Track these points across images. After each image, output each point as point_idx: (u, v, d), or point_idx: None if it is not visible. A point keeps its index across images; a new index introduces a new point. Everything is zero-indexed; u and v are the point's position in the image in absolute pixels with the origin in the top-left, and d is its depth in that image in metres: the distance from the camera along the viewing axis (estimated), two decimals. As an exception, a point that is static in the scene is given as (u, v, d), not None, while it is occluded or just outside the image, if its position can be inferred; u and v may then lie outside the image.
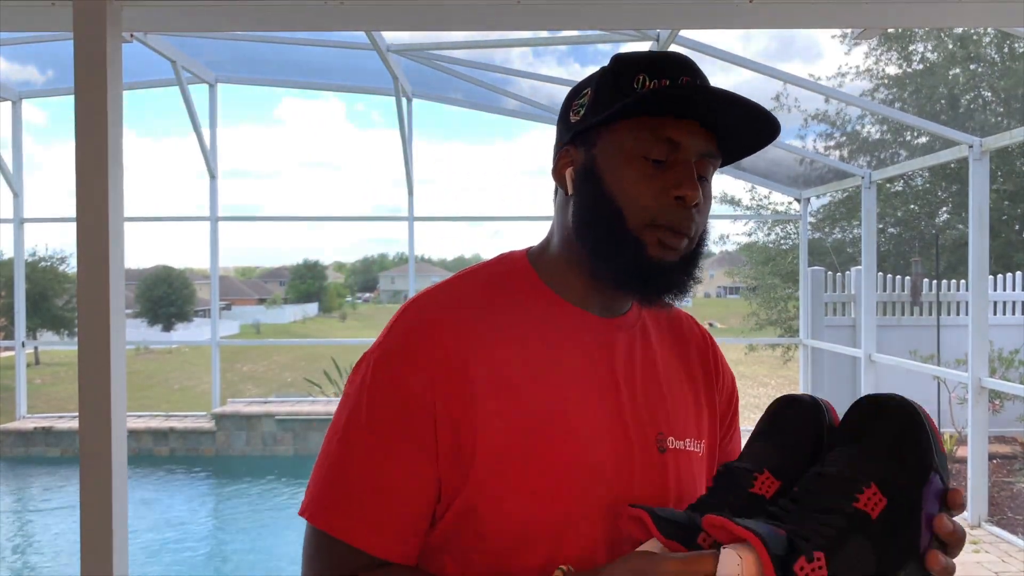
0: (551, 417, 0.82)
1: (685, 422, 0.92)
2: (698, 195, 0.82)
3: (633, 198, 0.82)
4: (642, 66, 0.84)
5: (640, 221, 0.82)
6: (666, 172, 0.82)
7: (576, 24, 3.23)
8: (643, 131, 0.82)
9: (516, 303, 0.87)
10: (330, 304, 53.46)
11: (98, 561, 2.29)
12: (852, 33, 11.44)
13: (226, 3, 2.72)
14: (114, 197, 2.37)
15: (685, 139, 0.82)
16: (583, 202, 0.86)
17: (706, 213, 0.87)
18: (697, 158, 0.83)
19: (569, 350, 0.86)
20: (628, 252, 0.82)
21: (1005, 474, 6.28)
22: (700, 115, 0.82)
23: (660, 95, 0.80)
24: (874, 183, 6.51)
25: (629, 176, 0.82)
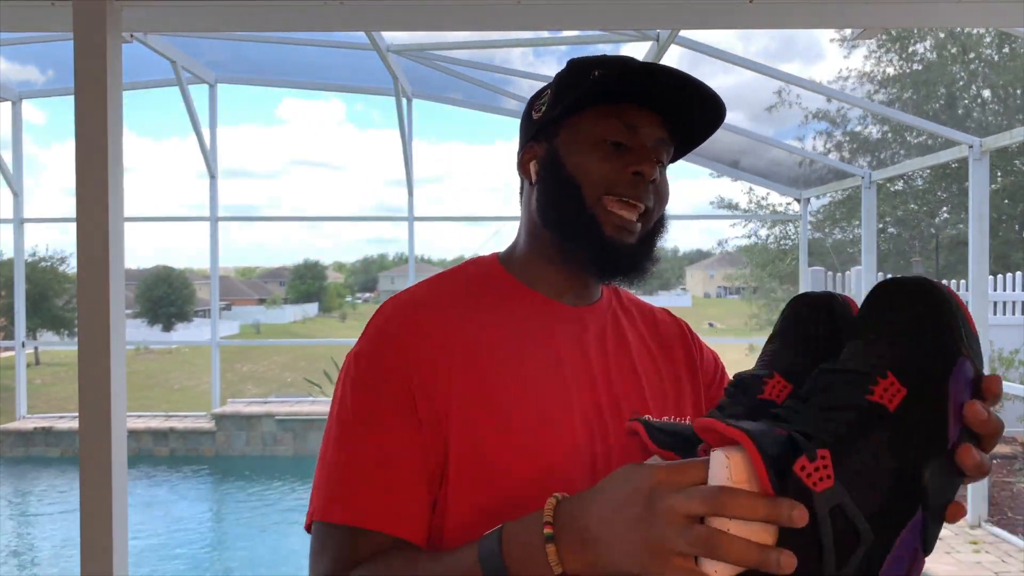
0: (525, 403, 0.83)
1: (663, 401, 0.94)
2: (655, 171, 0.85)
3: (591, 175, 0.86)
4: (595, 63, 0.90)
5: (595, 192, 0.86)
6: (624, 152, 0.86)
7: (576, 24, 3.23)
8: (601, 117, 0.87)
9: (487, 295, 0.91)
10: (330, 304, 53.47)
11: (98, 561, 2.29)
12: (851, 35, 11.44)
13: (226, 3, 2.72)
14: (114, 197, 2.37)
15: (642, 124, 0.87)
16: (545, 186, 0.90)
17: (663, 198, 0.90)
18: (654, 143, 0.88)
19: (541, 338, 0.88)
20: (586, 232, 0.86)
21: (1005, 474, 6.28)
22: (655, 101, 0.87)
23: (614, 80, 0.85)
24: (874, 183, 6.51)
25: (589, 157, 0.87)
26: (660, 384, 0.96)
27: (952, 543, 4.64)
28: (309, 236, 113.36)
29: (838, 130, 12.79)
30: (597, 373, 0.90)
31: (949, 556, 4.43)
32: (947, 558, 4.39)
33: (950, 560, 4.37)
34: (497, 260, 0.97)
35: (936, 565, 4.28)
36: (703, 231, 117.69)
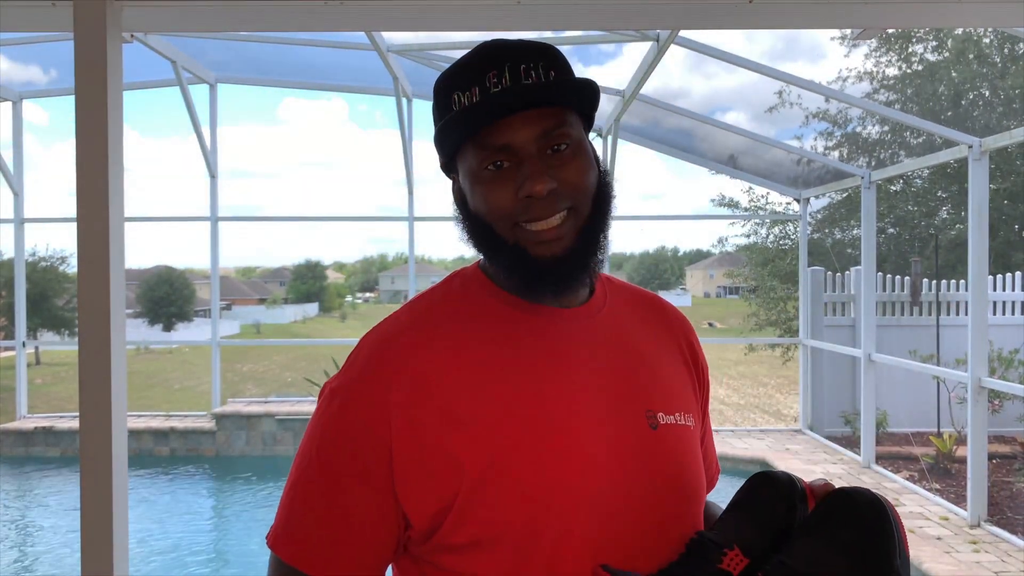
0: (535, 416, 0.82)
1: (673, 396, 0.93)
2: (546, 185, 0.81)
3: (490, 209, 0.85)
4: (452, 82, 0.86)
5: (505, 226, 0.85)
6: (511, 172, 0.83)
7: (576, 24, 3.23)
8: (476, 148, 0.84)
9: (478, 310, 0.89)
10: (330, 304, 53.49)
11: (98, 561, 2.29)
12: (852, 34, 11.44)
13: (226, 3, 2.72)
14: (114, 197, 2.37)
15: (510, 138, 0.82)
16: (465, 226, 0.90)
17: (579, 179, 0.85)
18: (538, 143, 0.83)
19: (539, 347, 0.87)
20: (514, 259, 0.85)
21: (1004, 474, 6.28)
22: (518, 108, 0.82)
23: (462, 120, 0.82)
24: (873, 183, 6.51)
25: (480, 191, 0.85)
26: (671, 380, 0.95)
27: (952, 543, 4.65)
28: (309, 236, 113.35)
29: (838, 130, 12.79)
30: (601, 380, 0.88)
31: (948, 556, 4.43)
32: (947, 558, 4.40)
33: (949, 560, 4.37)
34: (479, 269, 0.95)
35: (936, 565, 4.28)
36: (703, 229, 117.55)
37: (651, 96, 6.51)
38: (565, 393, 0.85)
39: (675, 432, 0.90)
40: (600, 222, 0.87)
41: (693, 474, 0.91)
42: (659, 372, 0.93)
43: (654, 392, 0.91)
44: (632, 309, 0.99)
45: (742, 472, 6.84)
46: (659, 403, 0.90)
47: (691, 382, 0.99)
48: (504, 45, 0.85)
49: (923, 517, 5.16)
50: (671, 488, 0.87)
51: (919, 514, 5.22)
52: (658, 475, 0.86)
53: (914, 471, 6.37)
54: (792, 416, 11.47)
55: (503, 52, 0.84)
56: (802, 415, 7.93)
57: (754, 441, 7.50)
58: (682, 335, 1.01)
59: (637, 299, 1.01)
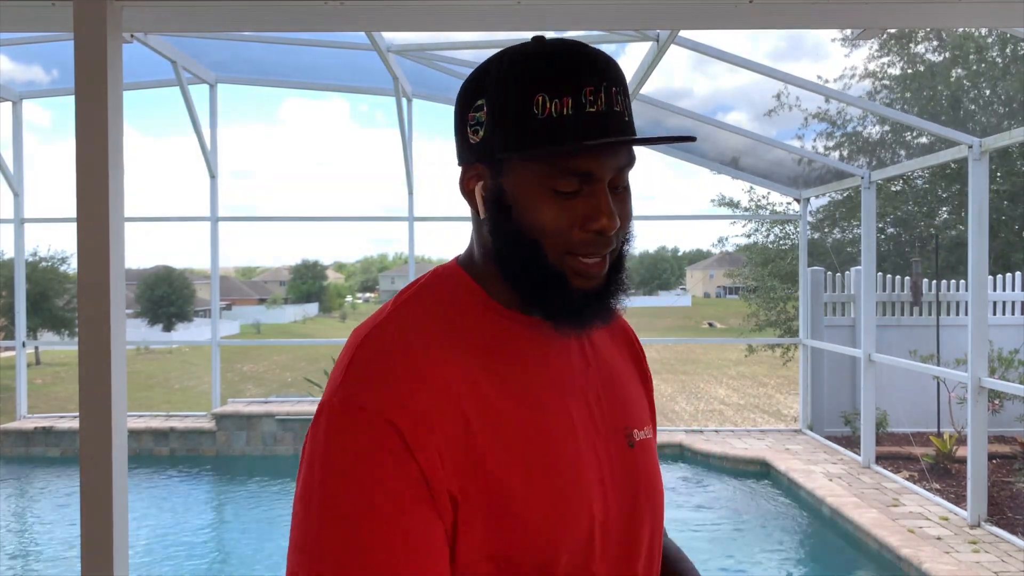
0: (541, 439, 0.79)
1: (640, 412, 0.93)
2: (615, 223, 0.78)
3: (547, 233, 0.78)
4: (539, 82, 0.77)
5: (557, 252, 0.79)
6: (579, 201, 0.78)
7: (576, 24, 3.23)
8: (551, 166, 0.77)
9: (471, 323, 0.82)
10: (330, 304, 53.51)
11: (98, 561, 2.29)
12: (852, 34, 11.44)
13: (226, 3, 2.72)
14: (114, 197, 2.37)
15: (596, 167, 0.77)
16: (498, 231, 0.81)
17: (628, 224, 0.84)
18: (614, 175, 0.80)
19: (536, 363, 0.83)
20: (551, 286, 0.80)
21: (1005, 474, 6.28)
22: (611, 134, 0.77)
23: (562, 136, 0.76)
24: (873, 183, 6.51)
25: (540, 210, 0.78)
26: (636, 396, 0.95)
27: (952, 543, 4.65)
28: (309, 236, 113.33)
29: (838, 130, 12.80)
30: (591, 397, 0.87)
31: (948, 556, 4.43)
32: (946, 558, 4.39)
33: (949, 560, 4.37)
34: (464, 272, 0.87)
35: (936, 565, 4.28)
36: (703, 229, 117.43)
37: (652, 96, 6.51)
38: (562, 413, 0.82)
39: (646, 447, 0.90)
40: (623, 261, 0.85)
41: (661, 489, 0.92)
42: (627, 388, 0.94)
43: (628, 409, 0.91)
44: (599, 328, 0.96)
45: (742, 472, 6.85)
46: (632, 420, 0.90)
47: (647, 396, 1.00)
48: (594, 56, 0.79)
49: (923, 517, 5.16)
50: (649, 505, 0.87)
51: (919, 514, 5.22)
52: (639, 493, 0.86)
53: (914, 471, 6.37)
54: (792, 416, 11.47)
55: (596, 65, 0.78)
56: (802, 415, 7.93)
57: (754, 441, 7.50)
58: (633, 346, 1.01)
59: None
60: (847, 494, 5.68)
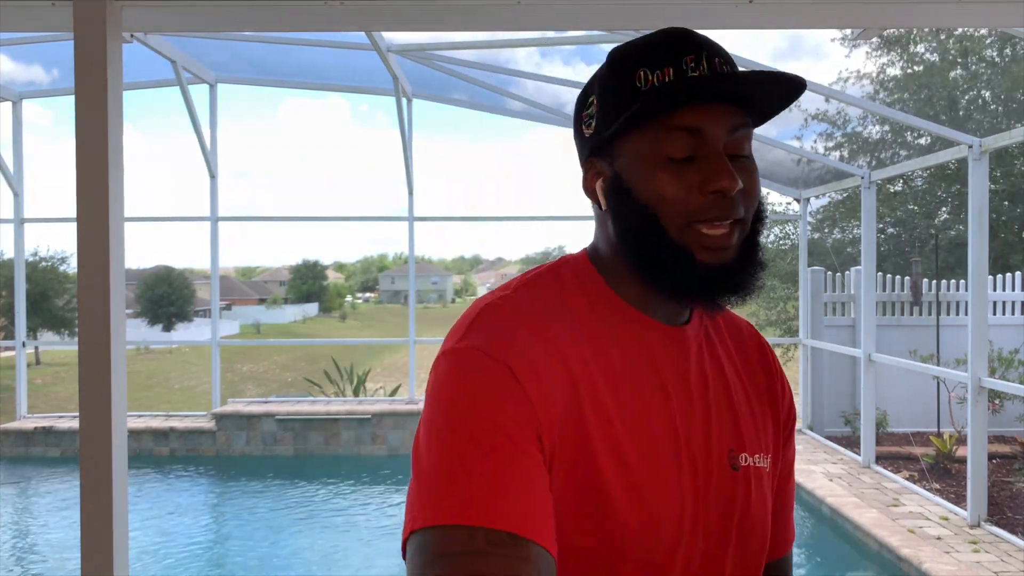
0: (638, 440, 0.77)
1: (754, 436, 0.86)
2: (736, 183, 0.75)
3: (666, 202, 0.76)
4: (640, 59, 0.78)
5: (678, 223, 0.76)
6: (695, 166, 0.76)
7: (576, 25, 3.23)
8: (660, 130, 0.76)
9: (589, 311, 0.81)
10: (330, 304, 53.50)
11: (98, 561, 2.29)
12: (852, 34, 11.44)
13: (226, 3, 2.72)
14: (114, 197, 2.37)
15: (705, 125, 0.76)
16: (619, 217, 0.80)
17: (754, 193, 0.79)
18: (727, 138, 0.77)
19: (646, 363, 0.81)
20: (676, 261, 0.76)
21: (1004, 474, 6.28)
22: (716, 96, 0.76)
23: (663, 95, 0.74)
24: (873, 183, 6.51)
25: (656, 180, 0.76)
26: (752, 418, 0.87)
27: (951, 543, 4.65)
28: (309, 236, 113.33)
29: (838, 131, 12.80)
30: (699, 409, 0.82)
31: (948, 556, 4.43)
32: (946, 558, 4.40)
33: (949, 560, 4.37)
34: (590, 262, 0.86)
35: (936, 564, 4.28)
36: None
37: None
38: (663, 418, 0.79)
39: (753, 475, 0.84)
40: (757, 239, 0.80)
41: (764, 522, 0.85)
42: (743, 407, 0.87)
43: (740, 429, 0.85)
44: (721, 338, 0.91)
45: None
46: (743, 442, 0.84)
47: (774, 419, 0.90)
48: (694, 33, 0.79)
49: (923, 517, 5.16)
50: (738, 536, 0.82)
51: (919, 514, 5.22)
52: (730, 521, 0.81)
53: (914, 471, 6.37)
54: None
55: (696, 38, 0.78)
56: (802, 415, 7.93)
57: (754, 441, 7.50)
58: (764, 364, 0.92)
59: (724, 328, 0.92)
60: (847, 494, 5.68)
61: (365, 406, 7.88)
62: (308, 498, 6.65)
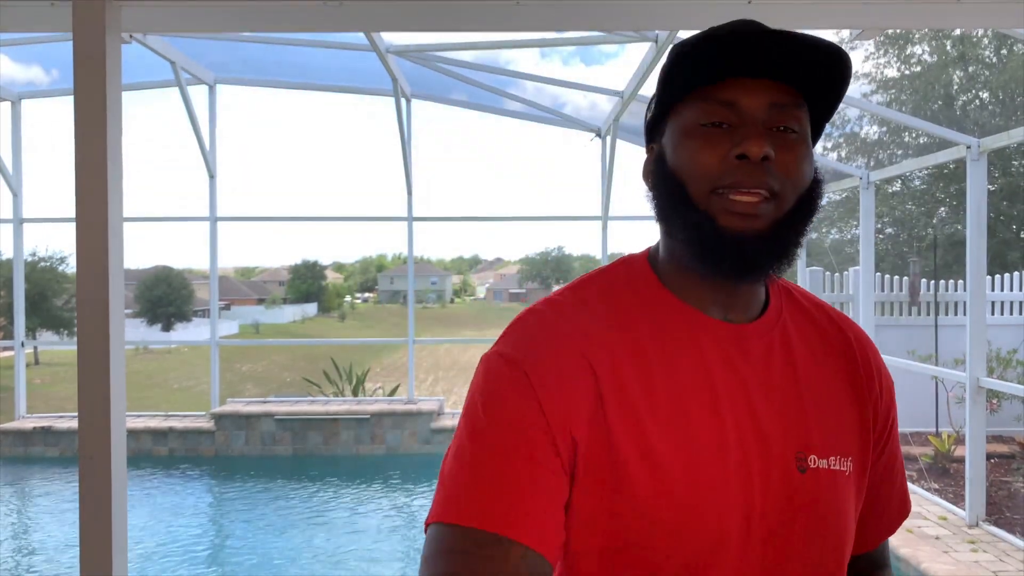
0: (667, 432, 0.76)
1: (831, 438, 0.82)
2: (763, 149, 0.74)
3: (692, 166, 0.77)
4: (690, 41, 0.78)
5: (702, 189, 0.76)
6: (727, 135, 0.76)
7: (575, 25, 3.23)
8: (698, 101, 0.77)
9: (635, 309, 0.82)
10: (329, 304, 53.50)
11: (97, 561, 2.29)
12: (851, 34, 11.44)
13: (226, 4, 2.72)
14: (113, 197, 2.37)
15: (741, 96, 0.76)
16: (655, 189, 0.82)
17: (795, 169, 0.77)
18: (767, 113, 0.76)
19: (691, 361, 0.80)
20: (698, 226, 0.76)
21: (1003, 473, 6.29)
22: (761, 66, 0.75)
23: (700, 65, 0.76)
24: (872, 184, 6.52)
25: (687, 146, 0.77)
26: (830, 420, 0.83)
27: (950, 543, 4.65)
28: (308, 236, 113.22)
29: (837, 131, 12.82)
30: (758, 407, 0.79)
31: (947, 555, 4.43)
32: (945, 557, 4.40)
33: (948, 559, 4.37)
34: (647, 261, 0.87)
35: (934, 564, 4.29)
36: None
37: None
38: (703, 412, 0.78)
39: (825, 477, 0.81)
40: (798, 223, 0.78)
41: (838, 526, 0.82)
42: (822, 408, 0.83)
43: (811, 430, 0.81)
44: (808, 329, 0.88)
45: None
46: (814, 444, 0.81)
47: (860, 420, 0.86)
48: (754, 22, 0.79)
49: (921, 517, 5.16)
50: (811, 538, 0.79)
51: (917, 514, 5.22)
52: (798, 523, 0.78)
53: (912, 471, 6.38)
54: (791, 416, 11.46)
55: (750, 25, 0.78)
56: (801, 415, 7.92)
57: (753, 441, 7.50)
58: (856, 363, 0.88)
59: (816, 317, 0.89)
60: (846, 494, 5.68)
61: (364, 406, 7.88)
62: (307, 498, 6.65)
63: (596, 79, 8.27)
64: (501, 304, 65.53)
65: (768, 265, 0.78)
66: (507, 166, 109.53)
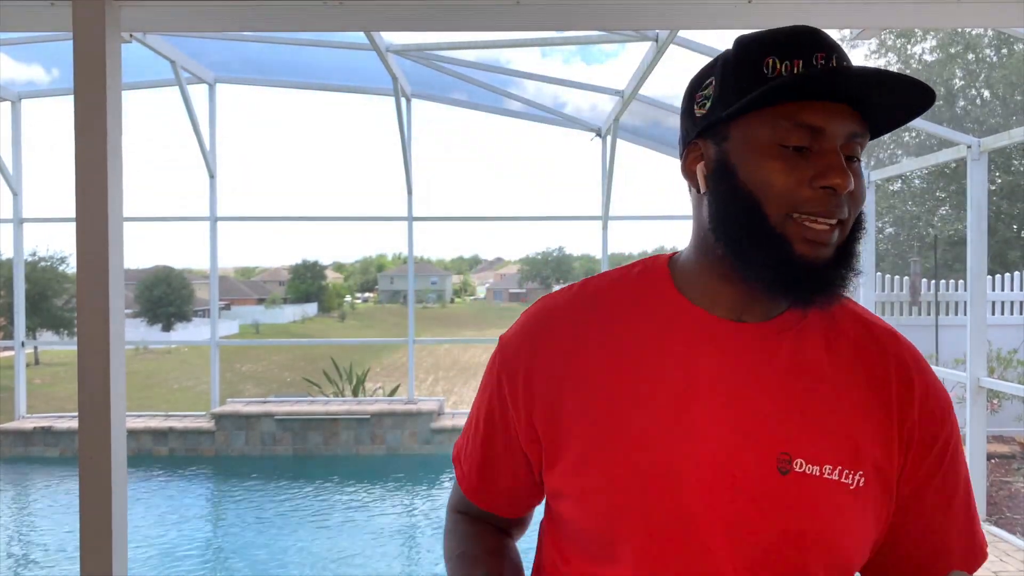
0: (626, 421, 0.79)
1: (829, 447, 0.79)
2: (848, 182, 0.74)
3: (773, 189, 0.76)
4: (770, 47, 0.78)
5: (782, 212, 0.75)
6: (809, 160, 0.75)
7: (575, 24, 3.23)
8: (779, 119, 0.76)
9: (634, 302, 0.86)
10: (329, 304, 53.50)
11: (98, 561, 2.29)
12: (851, 34, 11.44)
13: (226, 3, 2.72)
14: (113, 197, 2.37)
15: (827, 123, 0.75)
16: (718, 198, 0.80)
17: (860, 198, 0.78)
18: (844, 141, 0.76)
19: (670, 351, 0.81)
20: (772, 250, 0.76)
21: (1003, 473, 6.29)
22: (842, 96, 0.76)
23: (797, 82, 0.74)
24: (872, 183, 6.52)
25: (767, 167, 0.76)
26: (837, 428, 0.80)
27: (951, 543, 4.65)
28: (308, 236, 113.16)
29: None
30: (742, 404, 0.79)
31: (948, 556, 4.44)
32: (946, 558, 4.40)
33: (949, 560, 4.37)
34: (666, 265, 0.89)
35: (935, 565, 4.29)
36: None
37: (652, 96, 6.52)
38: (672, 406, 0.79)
39: (811, 484, 0.78)
40: (856, 245, 0.79)
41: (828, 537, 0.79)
42: (828, 414, 0.80)
43: (802, 435, 0.79)
44: (831, 337, 0.85)
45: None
46: (804, 448, 0.79)
47: (883, 438, 0.81)
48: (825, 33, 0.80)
49: (922, 517, 5.16)
50: (790, 542, 0.78)
51: (918, 514, 5.22)
52: (773, 523, 0.77)
53: (913, 471, 6.38)
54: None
55: (827, 38, 0.78)
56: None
57: (753, 441, 7.50)
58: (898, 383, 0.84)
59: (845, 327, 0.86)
60: (846, 494, 5.68)
61: (364, 406, 7.88)
62: (307, 498, 6.65)
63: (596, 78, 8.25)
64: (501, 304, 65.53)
65: (838, 289, 0.79)
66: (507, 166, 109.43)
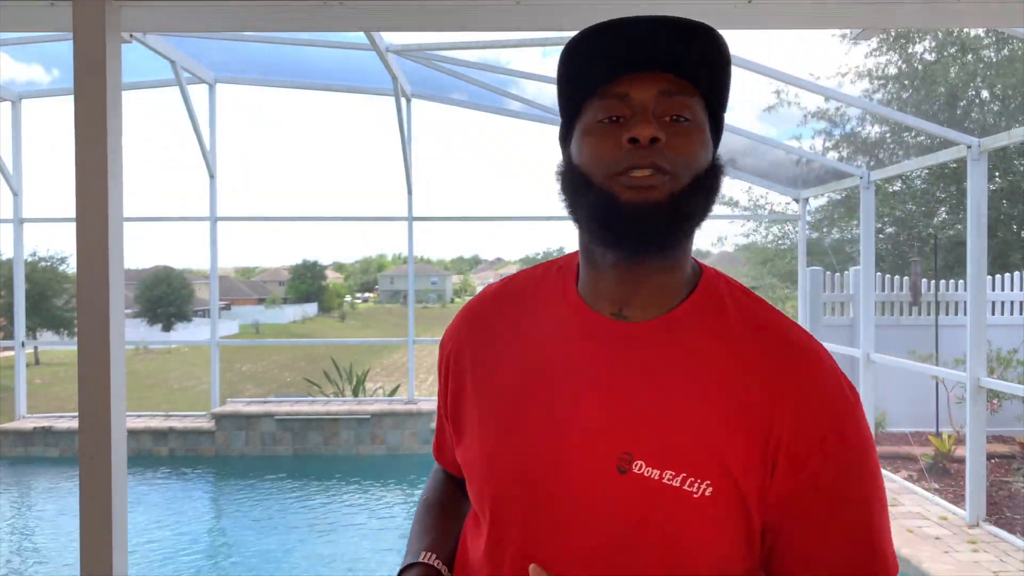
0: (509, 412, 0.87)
1: (678, 452, 0.78)
2: (650, 131, 0.78)
3: (594, 159, 0.82)
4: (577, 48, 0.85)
5: (604, 175, 0.81)
6: (622, 127, 0.81)
7: (575, 25, 3.22)
8: (593, 100, 0.84)
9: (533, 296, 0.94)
10: (329, 304, 53.46)
11: (98, 561, 2.29)
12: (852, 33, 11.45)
13: (226, 3, 2.72)
14: (114, 197, 2.37)
15: (629, 88, 0.81)
16: (564, 187, 0.88)
17: (686, 150, 0.80)
18: (656, 101, 0.80)
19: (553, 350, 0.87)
20: (601, 201, 0.81)
21: (1003, 473, 6.29)
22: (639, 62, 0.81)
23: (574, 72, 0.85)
24: (872, 183, 6.51)
25: (588, 143, 0.83)
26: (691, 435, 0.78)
27: (950, 543, 4.65)
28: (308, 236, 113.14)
29: (837, 130, 12.82)
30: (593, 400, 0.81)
31: (947, 556, 4.43)
32: (945, 557, 4.40)
33: (948, 560, 4.37)
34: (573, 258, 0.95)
35: (934, 564, 4.29)
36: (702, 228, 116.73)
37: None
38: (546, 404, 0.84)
39: (649, 486, 0.77)
40: (695, 200, 0.81)
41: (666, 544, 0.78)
42: (683, 420, 0.79)
43: (648, 437, 0.79)
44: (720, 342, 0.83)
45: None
46: (647, 451, 0.78)
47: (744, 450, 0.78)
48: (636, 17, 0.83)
49: (922, 517, 5.16)
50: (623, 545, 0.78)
51: (918, 514, 5.22)
52: (607, 522, 0.78)
53: (913, 471, 6.38)
54: (791, 416, 11.44)
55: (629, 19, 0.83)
56: (801, 415, 7.91)
57: (753, 441, 7.49)
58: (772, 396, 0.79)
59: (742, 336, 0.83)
60: (846, 494, 5.67)
61: (364, 406, 7.88)
62: (307, 498, 6.65)
63: (596, 79, 8.18)
64: (501, 304, 65.23)
65: (665, 234, 0.81)
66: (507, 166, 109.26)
